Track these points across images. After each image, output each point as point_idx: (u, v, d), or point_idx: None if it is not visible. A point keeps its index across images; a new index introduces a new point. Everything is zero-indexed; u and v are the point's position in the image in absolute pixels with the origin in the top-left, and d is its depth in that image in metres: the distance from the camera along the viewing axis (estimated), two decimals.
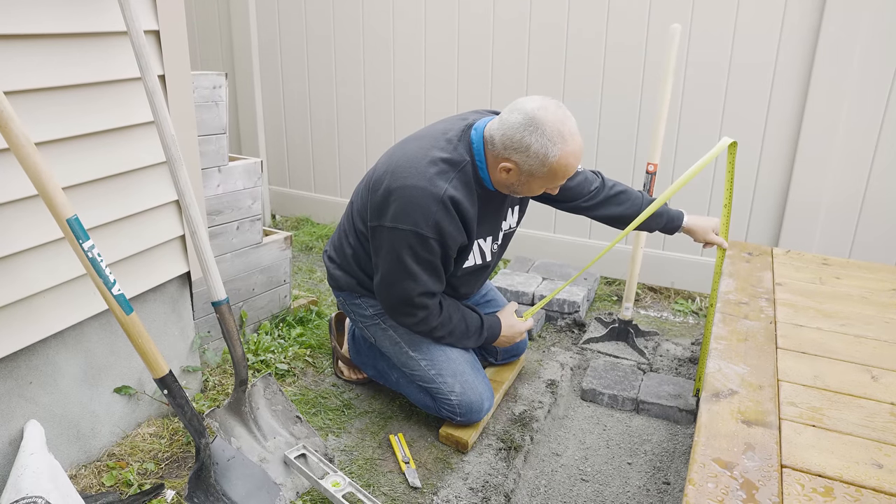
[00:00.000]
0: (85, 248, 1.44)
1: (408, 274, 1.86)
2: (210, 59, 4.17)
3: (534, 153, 1.73)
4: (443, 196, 1.78)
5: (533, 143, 1.72)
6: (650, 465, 2.08)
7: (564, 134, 1.72)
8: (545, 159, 1.73)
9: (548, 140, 1.71)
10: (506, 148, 1.77)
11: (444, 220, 1.80)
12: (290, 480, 1.82)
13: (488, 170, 1.86)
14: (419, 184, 1.79)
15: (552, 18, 3.15)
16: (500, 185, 1.88)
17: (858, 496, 1.21)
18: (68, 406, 1.81)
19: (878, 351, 1.78)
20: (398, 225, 1.81)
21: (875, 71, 2.67)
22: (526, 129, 1.72)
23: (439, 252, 1.85)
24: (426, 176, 1.80)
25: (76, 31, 1.61)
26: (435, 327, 1.97)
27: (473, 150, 1.86)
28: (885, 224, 2.83)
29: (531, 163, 1.75)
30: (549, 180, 1.80)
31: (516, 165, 1.78)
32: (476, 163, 1.86)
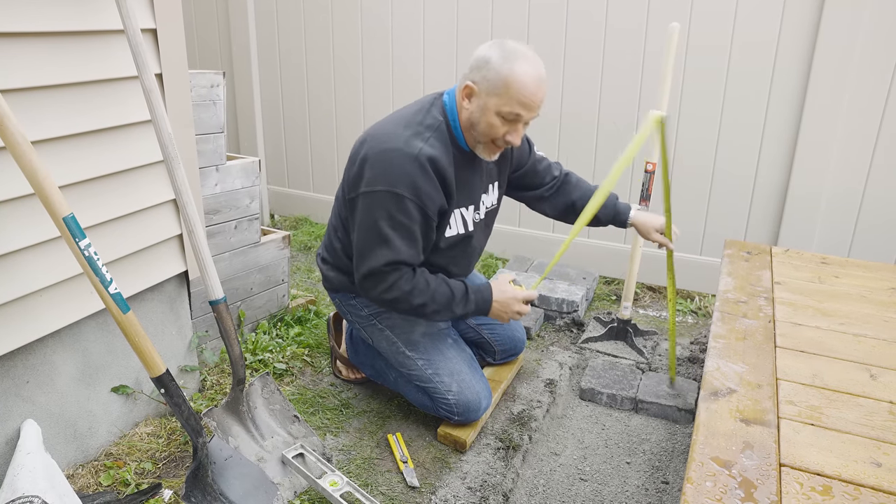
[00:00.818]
0: (81, 247, 1.43)
1: (381, 239, 1.80)
2: (209, 57, 4.16)
3: (492, 67, 1.73)
4: (418, 154, 1.78)
5: (492, 57, 1.74)
6: (649, 465, 2.08)
7: (526, 53, 1.75)
8: (500, 71, 1.72)
9: (508, 53, 1.73)
10: (469, 71, 1.80)
11: (420, 178, 1.78)
12: (287, 480, 1.82)
13: (459, 120, 1.86)
14: (394, 146, 1.79)
15: (549, 20, 3.15)
16: (469, 130, 1.86)
17: (857, 495, 1.21)
18: (65, 405, 1.81)
19: (876, 349, 1.77)
20: (374, 188, 1.79)
21: (874, 71, 2.67)
22: (489, 47, 1.77)
23: (418, 217, 1.80)
24: (401, 138, 1.81)
25: (73, 30, 1.60)
26: (410, 292, 1.84)
27: (447, 110, 1.88)
28: (883, 223, 2.82)
29: (489, 77, 1.74)
30: (503, 99, 1.74)
31: (475, 85, 1.78)
32: (449, 122, 1.87)
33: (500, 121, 1.78)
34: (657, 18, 2.95)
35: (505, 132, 1.81)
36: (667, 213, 2.16)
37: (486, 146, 1.87)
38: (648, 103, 3.05)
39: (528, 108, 1.77)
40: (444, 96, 1.91)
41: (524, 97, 1.74)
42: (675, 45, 2.35)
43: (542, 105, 1.80)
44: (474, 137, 1.86)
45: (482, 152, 1.90)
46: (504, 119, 1.78)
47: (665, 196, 2.12)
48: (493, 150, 1.89)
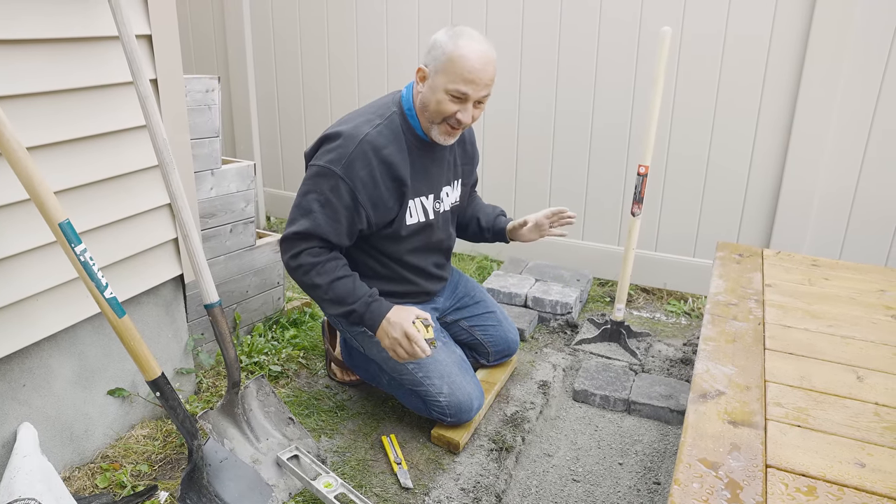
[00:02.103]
0: (77, 252, 1.45)
1: (306, 210, 1.88)
2: (204, 61, 4.17)
3: (438, 45, 1.82)
4: (361, 140, 1.86)
5: (439, 38, 1.83)
6: (641, 466, 2.10)
7: (473, 34, 1.83)
8: (446, 49, 1.80)
9: (454, 34, 1.82)
10: (424, 56, 1.88)
11: (358, 163, 1.85)
12: (282, 481, 1.84)
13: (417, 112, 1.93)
14: (343, 130, 1.89)
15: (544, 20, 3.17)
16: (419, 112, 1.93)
17: (840, 495, 1.23)
18: (62, 408, 1.82)
19: (864, 351, 1.80)
20: (316, 162, 1.89)
21: (863, 76, 2.69)
22: (440, 32, 1.86)
23: (347, 200, 1.86)
24: (352, 124, 1.90)
25: (68, 36, 1.62)
26: (314, 266, 1.88)
27: (402, 101, 1.96)
28: (874, 225, 2.85)
29: (436, 55, 1.83)
30: (449, 76, 1.80)
31: (426, 68, 1.86)
32: (405, 111, 1.95)
33: (449, 98, 1.83)
34: (650, 21, 2.97)
35: (455, 111, 1.85)
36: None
37: (440, 127, 1.91)
38: (642, 104, 3.07)
39: (474, 84, 1.81)
40: (403, 89, 2.00)
41: (468, 73, 1.79)
42: (666, 49, 2.38)
43: (490, 83, 1.85)
44: (428, 119, 1.91)
45: (437, 135, 1.93)
46: (452, 97, 1.83)
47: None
48: (447, 132, 1.92)
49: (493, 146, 3.48)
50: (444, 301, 2.33)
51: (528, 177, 3.44)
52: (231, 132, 4.15)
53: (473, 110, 1.88)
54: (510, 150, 3.45)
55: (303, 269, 1.91)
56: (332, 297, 1.91)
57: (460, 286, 2.38)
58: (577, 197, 3.36)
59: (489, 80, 1.84)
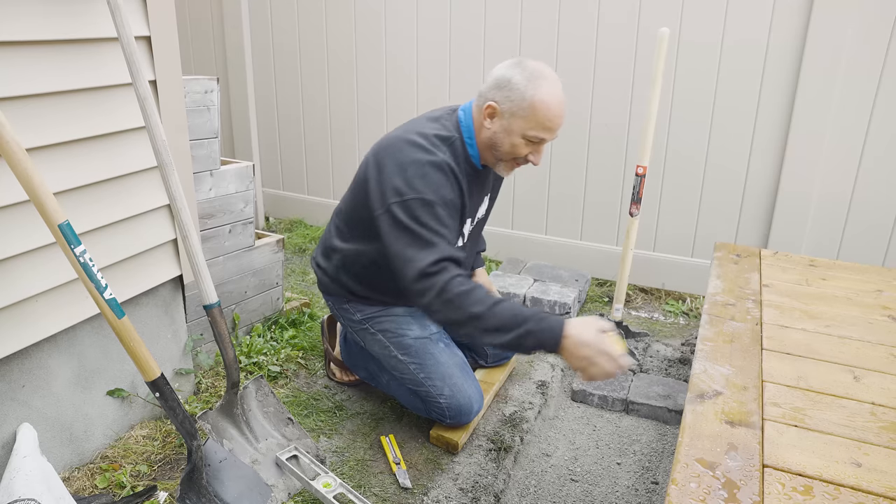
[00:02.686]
0: (77, 254, 1.45)
1: (423, 243, 1.71)
2: (203, 62, 4.18)
3: (516, 88, 1.74)
4: (441, 163, 1.77)
5: (514, 77, 1.75)
6: (639, 465, 2.11)
7: (547, 74, 1.76)
8: (525, 93, 1.74)
9: (530, 74, 1.74)
10: (489, 89, 1.80)
11: (445, 186, 1.77)
12: (281, 482, 1.84)
13: (478, 142, 1.87)
14: (417, 157, 1.77)
15: (542, 23, 3.17)
16: (485, 146, 1.87)
17: (837, 494, 1.24)
18: (61, 409, 1.82)
19: (861, 351, 1.80)
20: (403, 198, 1.74)
21: (860, 77, 2.70)
22: (509, 67, 1.77)
23: (446, 219, 1.77)
24: (422, 149, 1.79)
25: (67, 38, 1.62)
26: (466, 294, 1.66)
27: (461, 126, 1.88)
28: (871, 225, 2.86)
29: (513, 98, 1.75)
30: (530, 122, 1.76)
31: (498, 105, 1.78)
32: (465, 139, 1.87)
33: (524, 142, 1.81)
34: (648, 22, 2.98)
35: (528, 153, 1.83)
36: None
37: (507, 164, 1.89)
38: (640, 105, 3.08)
39: (552, 132, 1.80)
40: (460, 112, 1.91)
41: (549, 121, 1.76)
42: (664, 50, 2.39)
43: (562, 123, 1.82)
44: (495, 156, 1.88)
45: (502, 170, 1.93)
46: (528, 141, 1.80)
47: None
48: (512, 168, 1.92)
49: None
50: None
51: (527, 177, 3.44)
52: (230, 133, 4.16)
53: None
54: None
55: (455, 304, 1.66)
56: (495, 325, 1.64)
57: None
58: (576, 197, 3.37)
59: (563, 121, 1.82)
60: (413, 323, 2.08)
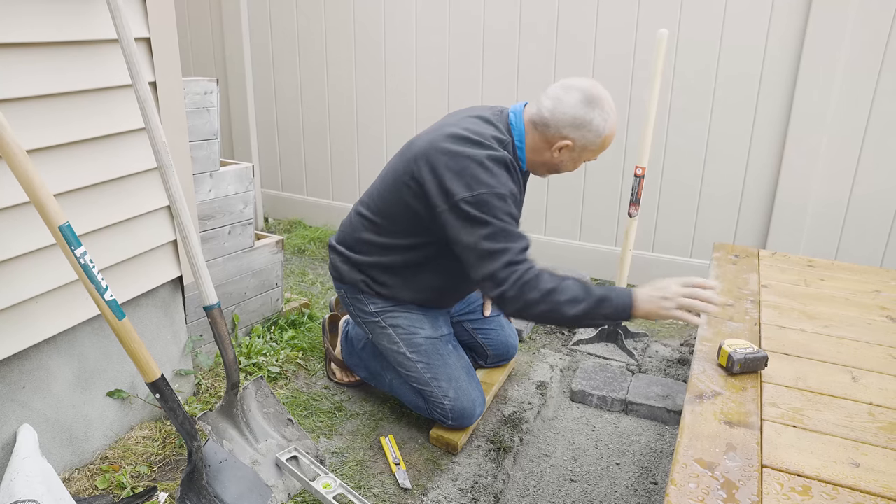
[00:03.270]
0: (77, 255, 1.46)
1: (504, 234, 1.77)
2: (202, 64, 4.18)
3: (594, 127, 1.85)
4: (505, 159, 1.83)
5: (595, 118, 1.84)
6: (638, 466, 2.11)
7: (610, 104, 1.88)
8: (601, 132, 1.86)
9: (606, 114, 1.85)
10: (566, 126, 1.85)
11: (510, 180, 1.83)
12: (281, 482, 1.84)
13: (529, 151, 1.94)
14: (479, 153, 1.80)
15: (541, 26, 3.18)
16: (544, 165, 1.96)
17: (835, 494, 1.25)
18: (61, 410, 1.83)
19: (859, 352, 1.81)
20: (475, 192, 1.77)
21: (859, 74, 2.71)
22: (587, 105, 1.83)
23: (515, 210, 1.83)
24: (480, 144, 1.82)
25: (67, 40, 1.62)
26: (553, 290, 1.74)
27: (513, 131, 1.93)
28: (869, 226, 2.87)
29: (589, 137, 1.86)
30: (597, 152, 1.92)
31: (573, 142, 1.87)
32: (515, 143, 1.93)
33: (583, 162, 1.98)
34: (647, 23, 2.99)
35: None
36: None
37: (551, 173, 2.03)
38: (639, 106, 3.09)
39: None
40: (510, 115, 1.95)
41: (608, 146, 1.94)
42: (663, 52, 2.39)
43: None
44: (549, 170, 2.00)
45: (542, 175, 2.05)
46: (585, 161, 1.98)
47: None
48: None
49: None
50: (457, 305, 2.34)
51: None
52: (229, 134, 4.16)
53: None
54: None
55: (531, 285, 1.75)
56: (570, 297, 1.75)
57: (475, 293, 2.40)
58: (575, 198, 3.38)
59: None
60: (426, 322, 2.09)
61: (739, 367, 1.67)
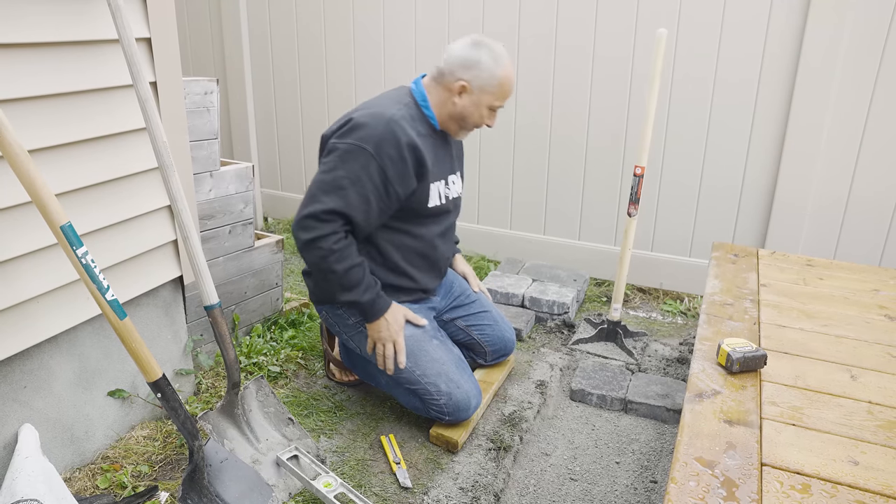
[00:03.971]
0: (79, 255, 1.46)
1: (333, 187, 1.90)
2: (202, 64, 4.18)
3: (485, 66, 1.97)
4: (389, 118, 1.93)
5: (482, 57, 1.97)
6: (638, 464, 2.12)
7: (504, 52, 2.01)
8: (494, 71, 1.97)
9: (495, 54, 1.98)
10: (458, 69, 1.98)
11: (387, 140, 1.91)
12: (282, 481, 1.85)
13: (435, 107, 2.04)
14: (371, 111, 1.97)
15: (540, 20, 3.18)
16: (451, 117, 2.05)
17: (834, 492, 1.25)
18: (62, 409, 1.83)
19: (858, 351, 1.82)
20: (343, 140, 1.93)
21: (857, 77, 2.72)
22: (473, 47, 1.98)
23: (378, 180, 1.91)
24: (376, 107, 1.98)
25: (68, 40, 1.63)
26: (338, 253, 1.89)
27: (414, 93, 2.07)
28: (868, 225, 2.88)
29: (483, 76, 1.97)
30: (496, 96, 2.00)
31: (469, 84, 1.98)
32: (419, 102, 2.05)
33: (489, 112, 2.05)
34: (646, 22, 2.99)
35: (488, 119, 2.08)
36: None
37: (468, 131, 2.12)
38: (638, 104, 3.09)
39: (508, 99, 2.09)
40: (411, 84, 2.11)
41: (509, 91, 2.04)
42: (662, 51, 2.40)
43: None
44: (460, 125, 2.08)
45: (460, 134, 2.13)
46: (491, 111, 2.06)
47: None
48: (468, 133, 2.14)
49: (490, 147, 3.49)
50: (441, 300, 2.34)
51: (526, 177, 3.46)
52: (228, 133, 4.16)
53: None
54: (507, 150, 3.46)
55: (321, 253, 1.90)
56: (344, 284, 1.95)
57: (455, 286, 2.40)
58: (574, 197, 3.38)
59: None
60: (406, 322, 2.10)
61: (739, 366, 1.68)
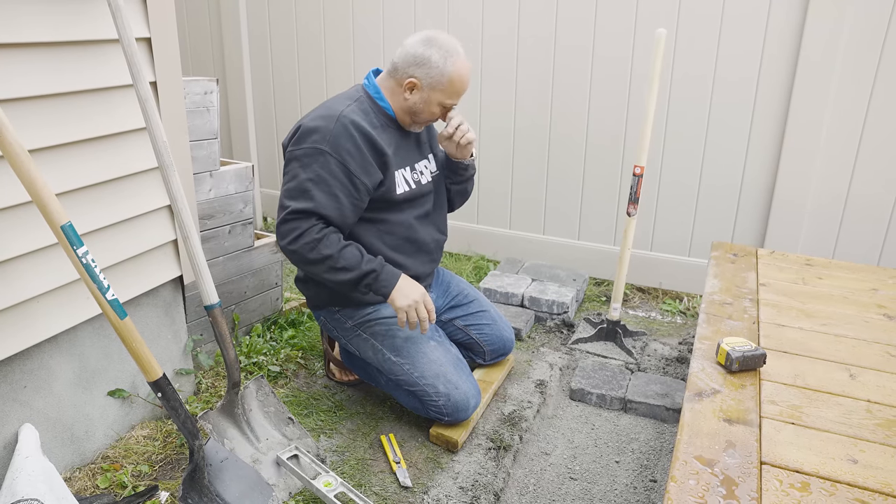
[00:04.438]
0: (79, 255, 1.46)
1: (301, 191, 1.92)
2: (201, 63, 4.18)
3: (434, 64, 1.96)
4: (339, 115, 1.95)
5: (432, 55, 1.96)
6: (637, 464, 2.12)
7: (457, 48, 1.99)
8: (443, 69, 1.96)
9: (445, 52, 1.96)
10: (409, 66, 1.98)
11: (341, 136, 1.93)
12: (282, 481, 1.85)
13: (390, 99, 2.05)
14: (320, 113, 1.99)
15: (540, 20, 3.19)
16: (403, 111, 2.05)
17: (833, 490, 1.26)
18: (62, 409, 1.83)
19: (856, 350, 1.82)
20: (299, 146, 1.95)
21: (856, 76, 2.72)
22: (424, 44, 1.97)
23: (339, 174, 1.92)
24: (327, 107, 2.01)
25: (69, 40, 1.63)
26: (318, 240, 1.90)
27: (366, 86, 2.09)
28: (867, 224, 2.88)
29: (433, 74, 1.96)
30: (447, 94, 1.99)
31: (419, 81, 1.98)
32: (372, 95, 2.06)
33: (441, 109, 2.05)
34: (645, 22, 3.00)
35: (441, 116, 2.08)
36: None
37: (421, 125, 2.13)
38: (637, 104, 3.10)
39: (461, 97, 2.06)
40: (364, 80, 2.12)
41: (461, 90, 2.03)
42: (661, 51, 2.40)
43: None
44: (413, 120, 2.08)
45: (413, 128, 2.13)
46: (444, 108, 2.05)
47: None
48: (423, 127, 2.16)
49: (489, 146, 3.49)
50: (438, 300, 2.35)
51: (525, 177, 3.46)
52: (227, 133, 4.16)
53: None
54: (507, 150, 3.47)
55: (308, 246, 1.91)
56: (345, 264, 1.92)
57: (453, 285, 2.41)
58: (573, 197, 3.39)
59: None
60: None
61: (738, 365, 1.68)
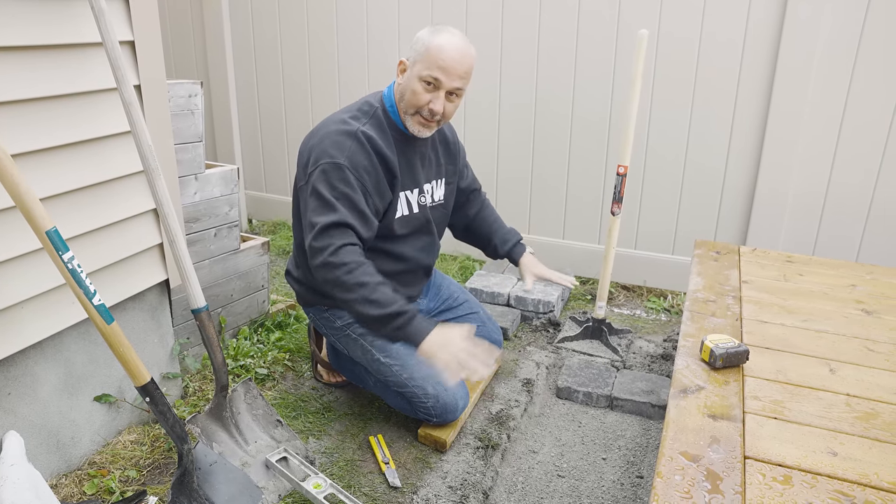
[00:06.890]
0: (65, 260, 1.45)
1: (327, 205, 1.87)
2: (184, 66, 4.15)
3: (420, 39, 1.91)
4: (355, 132, 1.92)
5: (422, 35, 1.92)
6: (624, 460, 2.15)
7: (454, 31, 1.93)
8: (426, 42, 1.89)
9: (436, 30, 1.91)
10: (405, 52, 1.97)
11: (357, 153, 1.91)
12: (271, 483, 1.85)
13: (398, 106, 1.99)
14: (333, 129, 1.95)
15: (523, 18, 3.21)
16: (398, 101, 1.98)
17: (814, 483, 1.28)
18: (48, 416, 1.82)
19: (836, 345, 1.86)
20: (318, 164, 1.91)
21: (834, 75, 2.77)
22: (423, 30, 1.94)
23: (357, 185, 1.89)
24: (339, 121, 1.97)
25: (52, 43, 1.62)
26: (355, 265, 1.81)
27: (384, 98, 2.03)
28: (845, 222, 2.93)
29: (417, 48, 1.91)
30: (425, 64, 1.88)
31: (407, 60, 1.95)
32: (387, 108, 2.01)
33: (423, 86, 1.90)
34: (628, 22, 3.02)
35: (428, 100, 1.91)
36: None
37: (414, 118, 1.97)
38: (620, 104, 3.12)
39: (446, 72, 1.88)
40: (385, 88, 2.07)
41: (442, 60, 1.87)
42: (643, 52, 2.43)
43: (465, 76, 1.91)
44: (403, 109, 1.98)
45: (412, 126, 1.99)
46: (426, 84, 1.90)
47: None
48: (422, 124, 1.98)
49: (473, 147, 3.51)
50: (429, 302, 2.36)
51: (509, 175, 3.48)
52: (212, 136, 4.14)
53: (446, 102, 1.93)
54: (491, 150, 3.48)
55: (347, 268, 1.81)
56: (377, 299, 1.80)
57: (444, 288, 2.42)
58: (558, 196, 3.41)
59: (464, 72, 1.90)
60: None
61: (722, 362, 1.71)
